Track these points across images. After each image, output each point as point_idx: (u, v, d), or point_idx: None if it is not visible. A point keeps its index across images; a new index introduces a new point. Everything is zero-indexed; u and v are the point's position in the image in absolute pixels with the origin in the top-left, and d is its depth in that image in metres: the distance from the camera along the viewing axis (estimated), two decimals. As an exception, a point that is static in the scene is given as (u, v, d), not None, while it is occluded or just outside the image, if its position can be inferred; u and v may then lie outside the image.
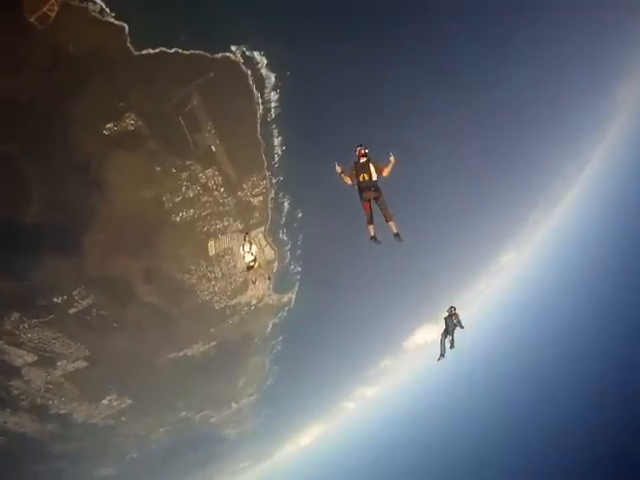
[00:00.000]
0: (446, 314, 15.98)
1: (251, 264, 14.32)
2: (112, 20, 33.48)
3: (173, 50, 34.30)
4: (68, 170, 35.77)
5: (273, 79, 34.80)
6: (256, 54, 34.70)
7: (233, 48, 34.64)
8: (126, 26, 32.99)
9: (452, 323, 15.73)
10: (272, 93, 34.92)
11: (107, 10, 33.36)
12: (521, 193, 46.98)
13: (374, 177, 9.55)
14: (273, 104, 34.89)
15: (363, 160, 9.65)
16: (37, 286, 35.34)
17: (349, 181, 9.80)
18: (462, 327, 15.94)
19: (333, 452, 63.37)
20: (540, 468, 51.04)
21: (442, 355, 16.20)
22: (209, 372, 47.20)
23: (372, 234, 10.29)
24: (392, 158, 9.50)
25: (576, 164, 51.36)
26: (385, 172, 9.61)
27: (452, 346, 16.11)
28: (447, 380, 54.23)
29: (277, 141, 35.08)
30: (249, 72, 35.08)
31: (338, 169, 9.89)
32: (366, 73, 34.25)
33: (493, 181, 42.60)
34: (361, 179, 9.55)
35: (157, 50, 34.19)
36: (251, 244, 14.29)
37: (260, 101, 35.03)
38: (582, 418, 49.22)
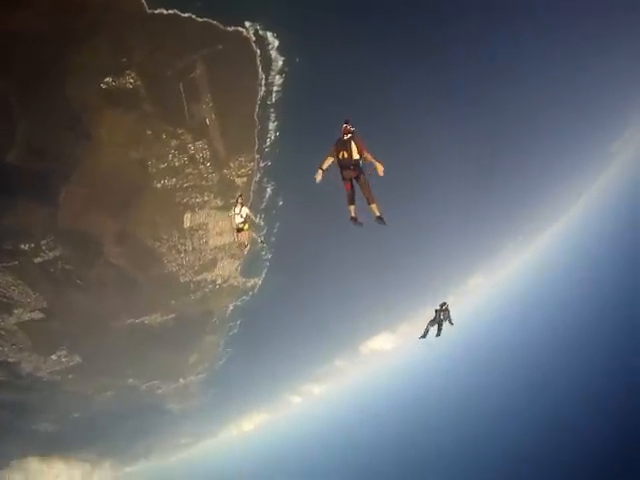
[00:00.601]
0: (438, 307, 16.85)
1: (240, 226, 14.12)
2: None
3: (186, 15, 34.18)
4: (59, 117, 35.41)
5: (281, 63, 34.88)
6: (269, 34, 34.73)
7: (247, 24, 34.63)
8: None
9: (439, 317, 16.65)
10: (277, 77, 35.02)
11: (130, -40, 33.04)
12: (501, 223, 48.02)
13: (354, 156, 9.09)
14: (276, 88, 35.00)
15: (346, 137, 9.22)
16: (6, 229, 34.74)
17: (328, 162, 9.33)
18: (451, 324, 16.86)
19: (274, 442, 63.89)
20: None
21: (424, 336, 17.11)
22: (163, 343, 47.00)
23: (352, 215, 9.94)
24: (380, 167, 9.16)
25: (561, 204, 52.61)
26: (366, 154, 9.15)
27: (438, 334, 16.98)
28: (395, 388, 55.18)
29: (272, 125, 35.20)
30: (258, 51, 35.09)
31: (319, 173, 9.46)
32: (375, 74, 34.61)
33: (476, 205, 43.39)
34: (340, 156, 9.18)
35: (170, 12, 34.05)
36: (242, 206, 14.09)
37: (263, 82, 35.11)
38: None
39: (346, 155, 9.05)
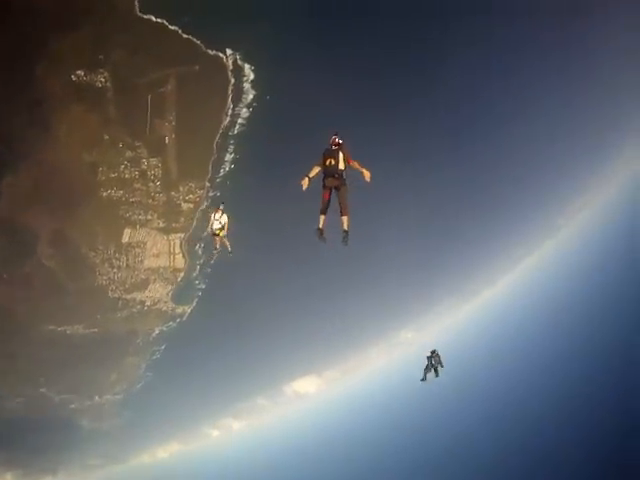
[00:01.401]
0: (429, 354, 18.32)
1: (216, 232, 15.46)
2: None
3: (173, 27, 34.12)
4: (21, 98, 34.24)
5: (251, 97, 34.93)
6: (247, 66, 34.91)
7: (228, 51, 34.77)
8: None
9: (431, 363, 18.17)
10: (244, 110, 34.89)
11: (135, -45, 33.03)
12: (439, 279, 47.73)
13: (341, 165, 9.33)
14: (240, 120, 34.83)
15: (334, 148, 9.53)
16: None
17: (315, 171, 9.42)
18: (442, 366, 18.25)
19: (188, 473, 60.52)
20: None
21: (423, 379, 18.39)
22: (82, 357, 44.32)
23: (320, 226, 9.63)
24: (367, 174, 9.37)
25: (498, 268, 52.66)
26: (353, 162, 9.44)
27: (437, 375, 18.28)
28: (315, 430, 53.66)
29: (229, 157, 34.81)
30: (233, 80, 35.12)
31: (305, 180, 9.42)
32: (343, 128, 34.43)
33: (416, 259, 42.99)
34: (327, 163, 9.33)
35: (159, 20, 34.03)
36: (222, 213, 15.27)
37: (230, 112, 34.90)
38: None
39: (333, 162, 9.32)
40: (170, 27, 34.37)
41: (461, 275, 49.29)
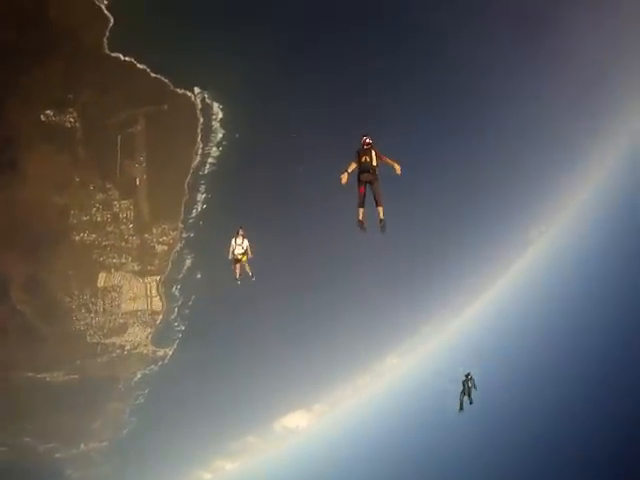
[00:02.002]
0: (464, 378, 18.39)
1: (238, 257, 15.07)
2: (102, 7, 33.03)
3: (141, 66, 33.87)
4: None
5: (220, 135, 34.62)
6: (215, 105, 34.65)
7: (196, 90, 34.57)
8: (112, 20, 32.45)
9: (467, 386, 18.17)
10: (214, 149, 34.57)
11: (103, -6, 32.87)
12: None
13: (374, 162, 10.49)
14: (211, 160, 34.47)
15: (366, 147, 10.68)
16: None
17: (352, 167, 10.55)
18: (475, 388, 18.36)
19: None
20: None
21: (461, 409, 18.41)
22: (64, 405, 42.96)
23: (360, 217, 10.84)
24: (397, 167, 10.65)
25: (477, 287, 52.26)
26: (384, 158, 10.65)
27: (470, 402, 18.30)
28: (308, 467, 52.27)
29: (201, 197, 34.34)
30: (202, 119, 34.77)
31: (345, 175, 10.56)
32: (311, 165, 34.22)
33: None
34: (362, 160, 10.49)
35: (127, 59, 33.74)
36: (244, 238, 14.93)
37: (200, 152, 34.53)
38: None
39: (367, 159, 10.50)
40: (138, 66, 34.10)
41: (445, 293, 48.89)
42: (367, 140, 10.79)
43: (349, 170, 10.47)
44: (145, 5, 33.44)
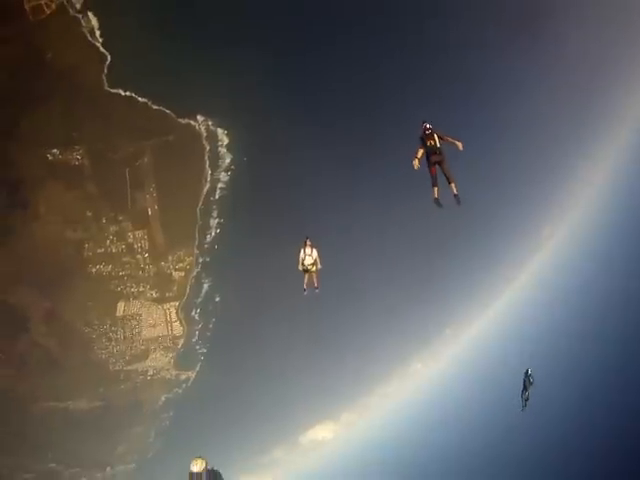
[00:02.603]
0: (524, 376, 18.94)
1: (309, 267, 14.49)
2: (98, 45, 33.45)
3: (142, 100, 34.33)
4: None
5: (228, 160, 35.29)
6: (220, 131, 35.32)
7: (199, 118, 35.18)
8: (109, 57, 33.12)
9: (528, 381, 18.75)
10: (223, 174, 35.26)
11: (98, 33, 33.36)
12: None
13: (438, 143, 11.27)
14: (221, 185, 35.17)
15: (428, 132, 11.42)
16: None
17: (420, 153, 11.31)
18: (531, 382, 18.89)
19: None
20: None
21: (524, 406, 18.99)
22: (88, 430, 43.58)
23: (436, 196, 11.62)
24: (459, 144, 11.40)
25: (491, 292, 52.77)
26: (446, 137, 11.43)
27: (527, 398, 18.93)
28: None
29: (214, 222, 35.07)
30: (208, 147, 35.48)
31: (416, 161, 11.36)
32: (321, 180, 34.93)
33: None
34: (428, 144, 11.28)
35: (127, 94, 34.19)
36: (312, 248, 14.44)
37: (209, 178, 35.26)
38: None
39: (433, 142, 11.28)
40: (139, 99, 34.67)
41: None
42: (427, 125, 11.51)
43: (418, 156, 11.29)
44: (140, 39, 33.66)
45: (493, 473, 48.61)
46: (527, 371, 18.87)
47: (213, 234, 35.10)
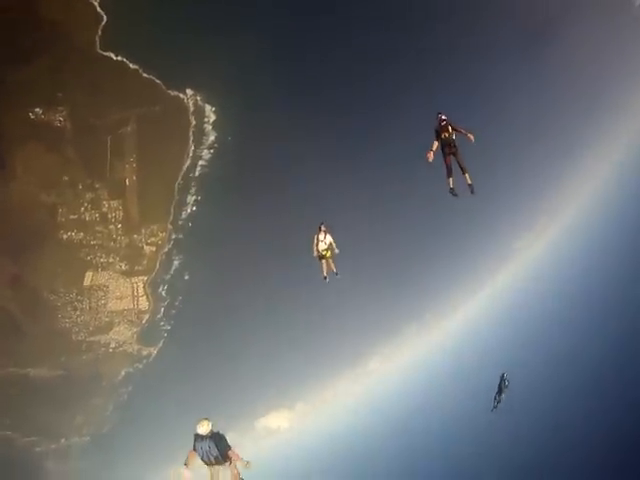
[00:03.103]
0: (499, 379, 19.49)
1: (323, 253, 14.44)
2: (96, 4, 32.80)
3: (133, 67, 33.84)
4: None
5: (212, 138, 34.91)
6: (207, 107, 34.89)
7: (189, 92, 34.69)
8: (105, 18, 32.40)
9: (503, 384, 19.20)
10: (206, 151, 34.89)
11: (97, -8, 32.72)
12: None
13: (453, 135, 11.49)
14: (202, 162, 34.78)
15: (443, 123, 11.56)
16: None
17: (435, 146, 11.50)
18: (506, 386, 19.35)
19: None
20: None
21: (494, 407, 19.31)
22: (46, 400, 42.96)
23: (451, 186, 11.90)
24: (471, 136, 11.55)
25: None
26: (459, 129, 11.58)
27: (499, 401, 19.22)
28: (288, 466, 52.64)
29: (191, 199, 34.71)
30: (194, 122, 34.99)
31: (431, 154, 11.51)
32: (304, 167, 34.67)
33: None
34: (443, 136, 11.48)
35: (119, 58, 33.70)
36: (326, 234, 14.31)
37: (191, 154, 34.82)
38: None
39: (447, 135, 11.48)
40: (131, 66, 34.16)
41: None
42: (443, 117, 11.64)
43: (433, 149, 11.48)
44: (140, 4, 33.31)
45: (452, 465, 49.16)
46: (503, 375, 19.26)
47: (189, 211, 34.73)
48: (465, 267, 50.06)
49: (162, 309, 37.15)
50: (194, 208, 34.67)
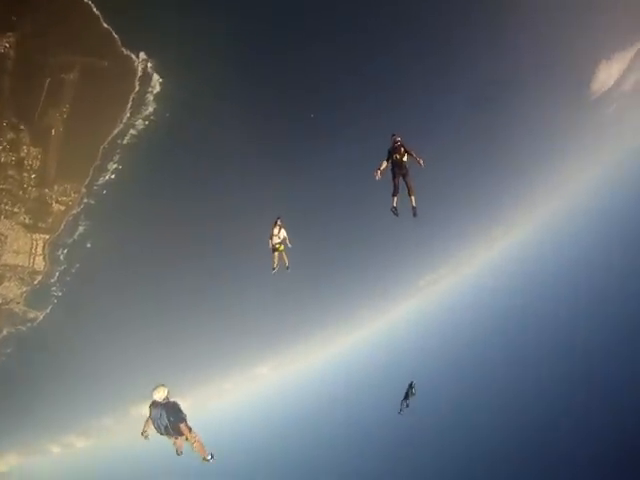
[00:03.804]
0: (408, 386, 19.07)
1: (277, 246, 15.38)
2: None
3: (97, 12, 31.69)
4: None
5: (151, 109, 32.94)
6: (156, 77, 33.03)
7: (142, 55, 32.78)
8: None
9: (410, 392, 18.88)
10: (140, 121, 32.91)
11: None
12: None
13: (405, 158, 11.75)
14: (133, 131, 32.71)
15: (397, 145, 11.81)
16: None
17: (384, 165, 11.72)
18: (414, 394, 19.01)
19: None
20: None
21: (400, 412, 18.99)
22: None
23: (394, 204, 12.09)
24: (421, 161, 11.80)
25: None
26: (412, 153, 11.80)
27: (407, 406, 18.89)
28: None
29: (112, 166, 32.55)
30: (137, 88, 32.98)
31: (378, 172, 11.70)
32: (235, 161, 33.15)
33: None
34: (394, 157, 11.75)
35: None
36: (280, 228, 15.27)
37: (125, 120, 32.74)
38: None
39: (398, 157, 11.77)
40: (94, 10, 32.10)
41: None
42: (397, 139, 11.91)
43: (381, 168, 11.70)
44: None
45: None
46: (411, 383, 19.41)
47: (107, 178, 32.60)
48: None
49: (57, 273, 34.63)
50: (113, 176, 32.60)
